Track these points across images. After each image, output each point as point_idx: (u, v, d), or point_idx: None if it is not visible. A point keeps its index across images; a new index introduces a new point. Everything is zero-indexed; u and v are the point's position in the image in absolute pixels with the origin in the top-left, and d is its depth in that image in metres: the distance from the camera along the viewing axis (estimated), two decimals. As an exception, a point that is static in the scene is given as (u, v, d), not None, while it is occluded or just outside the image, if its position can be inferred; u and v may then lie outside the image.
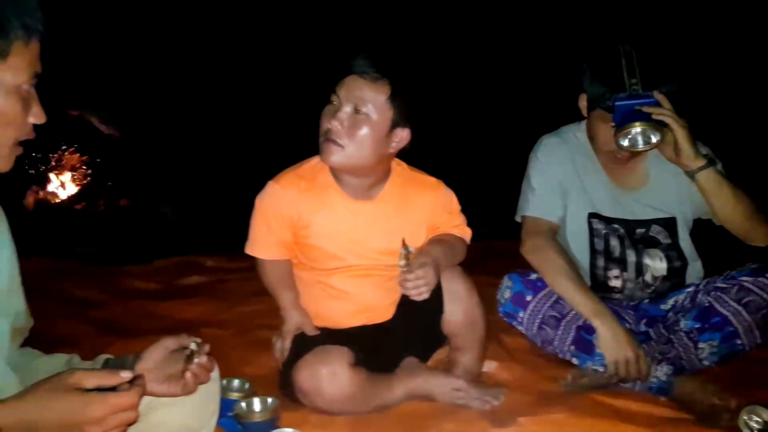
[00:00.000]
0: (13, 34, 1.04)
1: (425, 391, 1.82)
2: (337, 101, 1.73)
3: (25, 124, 1.11)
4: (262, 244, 1.87)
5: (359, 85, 1.71)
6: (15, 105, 1.08)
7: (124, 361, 1.30)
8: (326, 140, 1.73)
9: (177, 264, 3.62)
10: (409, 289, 1.71)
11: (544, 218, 2.06)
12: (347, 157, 1.73)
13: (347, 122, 1.71)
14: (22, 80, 1.07)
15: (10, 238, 1.28)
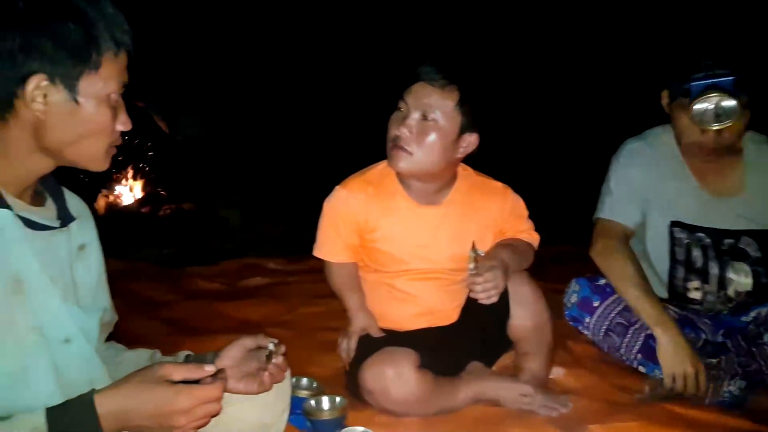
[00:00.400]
0: (104, 47, 1.10)
1: (491, 396, 1.81)
2: (405, 108, 1.75)
3: (114, 131, 1.17)
4: (330, 247, 1.90)
5: (428, 92, 1.72)
6: (106, 113, 1.13)
7: (204, 358, 1.35)
8: (395, 147, 1.75)
9: (240, 266, 3.70)
10: (477, 292, 1.71)
11: (617, 222, 2.02)
12: (415, 164, 1.75)
13: (416, 129, 1.73)
14: (111, 90, 1.13)
15: (98, 238, 1.35)
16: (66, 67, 1.07)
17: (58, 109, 1.08)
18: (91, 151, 1.15)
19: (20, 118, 1.08)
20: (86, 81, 1.09)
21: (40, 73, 1.05)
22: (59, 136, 1.10)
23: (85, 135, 1.12)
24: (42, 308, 1.13)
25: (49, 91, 1.07)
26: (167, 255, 4.33)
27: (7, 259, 1.09)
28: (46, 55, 1.05)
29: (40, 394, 1.10)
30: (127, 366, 1.37)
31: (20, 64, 1.04)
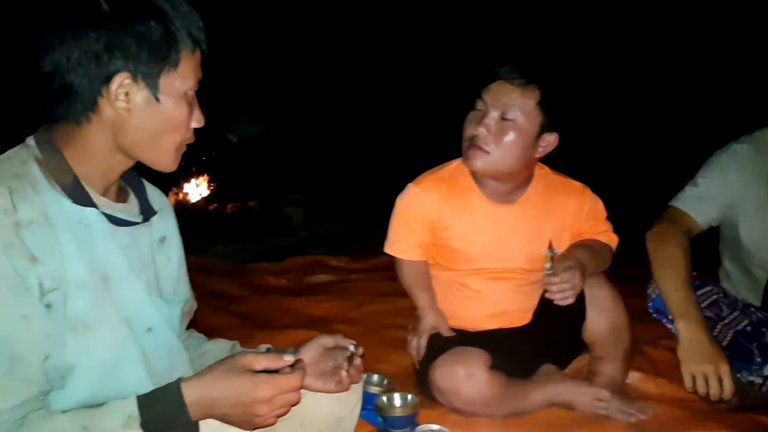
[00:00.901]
0: (182, 45, 1.12)
1: (565, 399, 1.78)
2: (483, 107, 1.73)
3: (189, 128, 1.19)
4: (402, 244, 1.90)
5: (507, 91, 1.70)
6: (184, 110, 1.15)
7: (284, 353, 1.38)
8: (472, 146, 1.73)
9: (304, 263, 3.77)
10: (553, 293, 1.68)
11: (689, 215, 1.91)
12: (493, 163, 1.73)
13: (494, 128, 1.71)
14: (189, 87, 1.15)
15: (177, 229, 1.39)
16: (148, 65, 1.09)
17: (140, 106, 1.11)
18: (165, 148, 1.16)
19: (102, 117, 1.11)
20: (166, 78, 1.11)
21: (124, 71, 1.08)
22: (137, 134, 1.12)
23: (162, 132, 1.14)
24: (128, 300, 1.17)
25: (131, 90, 1.09)
26: (234, 251, 4.44)
27: (95, 256, 1.12)
28: (129, 53, 1.07)
29: (132, 382, 1.14)
30: (209, 357, 1.41)
31: (105, 63, 1.07)
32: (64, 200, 1.09)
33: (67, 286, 1.06)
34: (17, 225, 1.00)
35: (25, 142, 1.14)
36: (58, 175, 1.10)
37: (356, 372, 1.33)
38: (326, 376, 1.32)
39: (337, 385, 1.31)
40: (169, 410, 1.06)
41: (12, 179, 1.05)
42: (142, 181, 1.31)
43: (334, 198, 6.09)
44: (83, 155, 1.13)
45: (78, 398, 1.07)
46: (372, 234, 4.89)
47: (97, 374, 1.10)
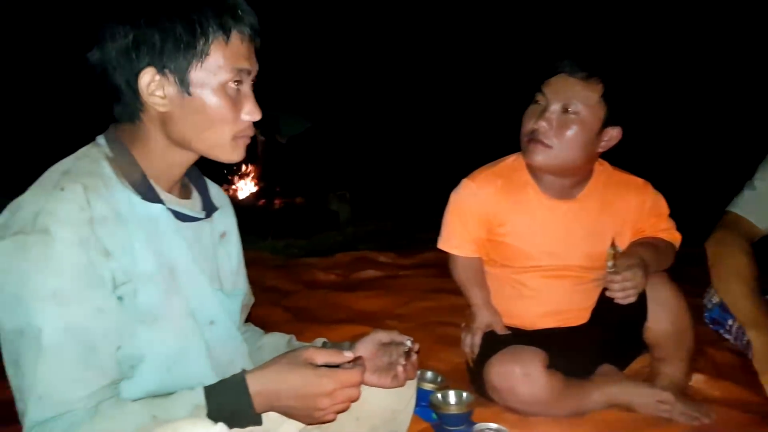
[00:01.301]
0: (211, 36, 1.08)
1: (625, 401, 1.73)
2: (543, 100, 1.70)
3: (239, 122, 1.15)
4: (457, 240, 1.88)
5: (570, 84, 1.67)
6: (221, 104, 1.11)
7: (340, 346, 1.39)
8: (532, 140, 1.70)
9: (352, 258, 3.79)
10: (615, 291, 1.63)
11: (748, 219, 1.87)
12: (554, 158, 1.69)
13: (556, 122, 1.67)
14: (225, 78, 1.11)
15: (236, 225, 1.41)
16: (173, 59, 1.07)
17: (174, 101, 1.10)
18: (215, 142, 1.14)
19: (150, 115, 1.12)
20: (196, 72, 1.09)
21: (150, 67, 1.07)
22: (182, 129, 1.12)
23: (204, 126, 1.12)
24: (192, 294, 1.20)
25: (164, 84, 1.08)
26: (283, 247, 4.50)
27: (163, 250, 1.15)
28: (154, 47, 1.07)
29: (196, 372, 1.17)
30: (267, 350, 1.43)
31: (134, 60, 1.07)
32: (133, 196, 1.12)
33: (137, 279, 1.09)
34: (92, 221, 1.03)
35: (96, 141, 1.16)
36: (127, 172, 1.13)
37: (412, 368, 1.33)
38: (382, 371, 1.32)
39: (393, 381, 1.32)
40: (234, 401, 1.08)
41: (86, 177, 1.07)
42: (205, 178, 1.33)
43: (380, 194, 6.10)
44: (145, 152, 1.15)
45: (146, 388, 1.10)
46: (419, 230, 4.91)
47: (164, 364, 1.14)
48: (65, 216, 1.01)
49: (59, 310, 0.99)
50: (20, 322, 0.99)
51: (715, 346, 1.99)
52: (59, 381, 0.99)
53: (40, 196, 1.04)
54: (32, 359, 0.98)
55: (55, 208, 1.01)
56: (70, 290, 1.00)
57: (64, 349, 0.99)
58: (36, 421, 0.98)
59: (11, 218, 1.02)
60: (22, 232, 0.99)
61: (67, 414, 0.98)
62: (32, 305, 0.98)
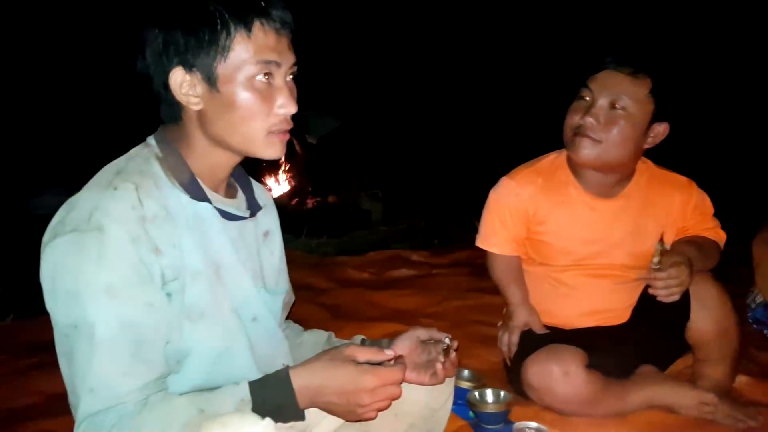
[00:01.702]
0: (233, 30, 1.09)
1: (667, 402, 1.71)
2: (589, 96, 1.68)
3: (272, 115, 1.14)
4: (496, 238, 1.87)
5: (618, 79, 1.65)
6: (251, 97, 1.11)
7: (379, 343, 1.39)
8: (578, 135, 1.68)
9: (385, 257, 3.79)
10: (658, 289, 1.61)
11: None
12: (601, 153, 1.67)
13: (603, 118, 1.65)
14: (252, 72, 1.10)
15: (279, 224, 1.43)
16: (198, 55, 1.08)
17: (206, 99, 1.11)
18: (249, 137, 1.14)
19: (189, 115, 1.14)
20: (221, 67, 1.09)
21: (179, 66, 1.09)
22: (217, 127, 1.14)
23: (237, 123, 1.12)
24: (236, 291, 1.22)
25: (194, 83, 1.10)
26: (317, 245, 4.53)
27: (209, 248, 1.17)
28: (180, 46, 1.08)
29: (240, 368, 1.19)
30: (307, 346, 1.45)
31: (164, 61, 1.10)
32: (182, 195, 1.14)
33: (185, 276, 1.11)
34: (143, 219, 1.06)
35: (146, 141, 1.19)
36: (176, 171, 1.15)
37: (451, 365, 1.33)
38: (420, 368, 1.32)
39: (432, 378, 1.32)
40: (278, 396, 1.09)
41: (137, 176, 1.10)
42: (249, 178, 1.35)
43: (412, 193, 6.09)
44: (190, 151, 1.17)
45: (192, 382, 1.13)
46: (452, 229, 4.90)
47: (209, 359, 1.16)
48: (118, 214, 1.04)
49: (112, 305, 1.02)
50: (74, 317, 1.02)
51: (759, 347, 1.95)
52: (110, 374, 1.01)
53: (95, 195, 1.07)
54: (85, 353, 1.01)
55: (109, 206, 1.04)
56: (122, 286, 1.02)
57: (116, 343, 1.02)
58: (87, 413, 1.01)
59: (67, 216, 1.06)
60: (77, 230, 1.02)
61: (117, 407, 1.01)
62: (86, 300, 1.01)
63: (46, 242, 1.05)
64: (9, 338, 2.54)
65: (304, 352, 1.43)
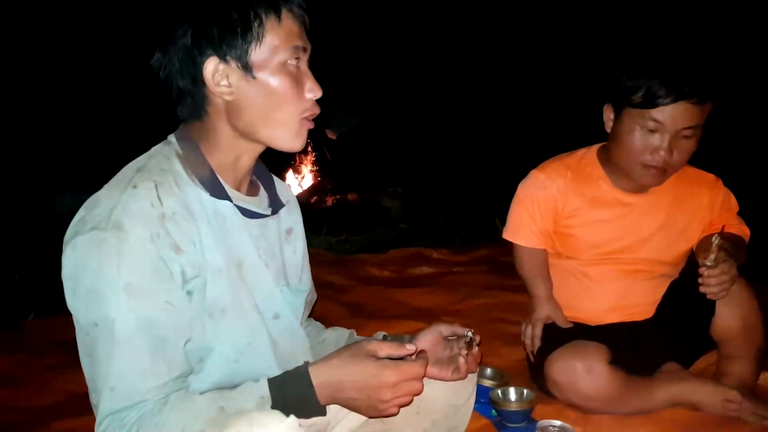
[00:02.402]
0: (264, 17, 1.11)
1: (691, 399, 1.69)
2: (657, 127, 1.61)
3: (303, 100, 1.17)
4: (524, 231, 1.86)
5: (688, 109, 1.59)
6: (285, 82, 1.14)
7: (401, 339, 1.39)
8: (654, 168, 1.65)
9: (405, 255, 3.79)
10: (711, 286, 1.58)
11: None
12: (669, 175, 1.70)
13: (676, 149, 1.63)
14: (284, 58, 1.13)
15: (302, 222, 1.43)
16: (232, 45, 1.10)
17: (241, 87, 1.13)
18: (284, 123, 1.16)
19: (217, 108, 1.15)
20: (256, 54, 1.12)
21: (212, 57, 1.11)
22: (249, 115, 1.15)
23: (272, 108, 1.15)
24: (258, 288, 1.22)
25: (228, 72, 1.12)
26: (337, 243, 4.55)
27: (230, 245, 1.18)
28: (213, 39, 1.10)
29: (261, 365, 1.20)
30: (329, 344, 1.45)
31: (197, 56, 1.11)
32: (202, 193, 1.15)
33: (206, 273, 1.12)
34: (163, 217, 1.07)
35: (167, 139, 1.20)
36: (197, 169, 1.16)
37: (473, 360, 1.33)
38: (443, 363, 1.32)
39: (455, 373, 1.31)
40: (298, 392, 1.09)
41: (157, 174, 1.11)
42: (272, 176, 1.36)
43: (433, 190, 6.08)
44: (213, 148, 1.18)
45: (213, 380, 1.14)
46: (472, 227, 4.88)
47: (232, 356, 1.16)
48: (138, 212, 1.05)
49: (131, 303, 1.02)
50: (95, 315, 1.02)
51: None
52: (131, 372, 1.02)
53: (115, 193, 1.07)
54: (106, 351, 1.02)
55: (129, 204, 1.05)
56: (141, 284, 1.03)
57: (136, 341, 1.02)
58: (109, 411, 1.02)
59: (88, 214, 1.06)
60: (98, 228, 1.03)
61: (138, 405, 1.02)
62: (106, 298, 1.02)
63: (67, 240, 1.06)
64: (31, 337, 2.57)
65: (325, 350, 1.42)
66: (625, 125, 1.65)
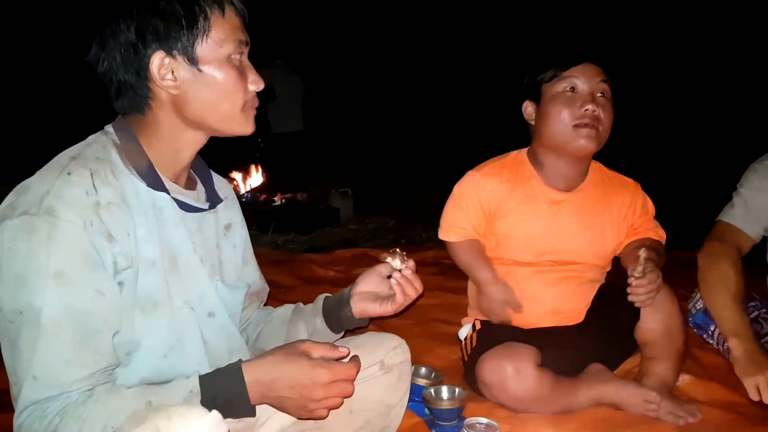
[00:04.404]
0: (209, 11, 1.13)
1: (614, 399, 1.76)
2: (575, 87, 1.75)
3: (246, 92, 1.19)
4: (456, 227, 1.89)
5: (597, 71, 1.74)
6: (230, 75, 1.16)
7: (342, 294, 1.43)
8: (583, 127, 1.73)
9: (352, 255, 3.79)
10: (639, 295, 1.67)
11: (739, 229, 1.95)
12: (601, 139, 1.77)
13: (600, 106, 1.74)
14: (229, 51, 1.16)
15: (242, 217, 1.44)
16: (178, 39, 1.12)
17: (187, 80, 1.14)
18: (229, 114, 1.18)
19: (161, 101, 1.16)
20: (201, 48, 1.13)
21: (158, 51, 1.12)
22: (196, 107, 1.16)
23: (218, 101, 1.16)
24: (192, 284, 1.23)
25: (173, 67, 1.12)
26: (284, 242, 4.53)
27: (165, 238, 1.18)
28: (158, 33, 1.11)
29: (191, 362, 1.20)
30: (277, 320, 1.48)
31: (141, 50, 1.11)
32: (139, 184, 1.15)
33: (139, 265, 1.11)
34: (97, 205, 1.06)
35: (104, 129, 1.20)
36: (134, 159, 1.16)
37: (407, 283, 1.36)
38: (384, 299, 1.37)
39: (394, 306, 1.37)
40: (229, 388, 1.10)
41: (93, 162, 1.10)
42: (210, 171, 1.36)
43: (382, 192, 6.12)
44: (155, 140, 1.18)
45: (141, 376, 1.13)
46: (420, 229, 4.94)
47: (160, 352, 1.16)
48: (71, 199, 1.03)
49: (60, 291, 1.00)
50: (20, 302, 1.00)
51: (701, 348, 2.03)
52: (56, 361, 1.00)
53: (48, 179, 1.06)
54: (30, 339, 1.00)
55: (62, 191, 1.04)
56: (72, 272, 1.01)
57: (63, 330, 1.01)
58: (30, 401, 1.00)
59: (18, 199, 1.05)
60: (28, 213, 1.01)
61: (61, 396, 1.00)
62: (34, 285, 1.00)
63: None
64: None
65: (273, 327, 1.46)
66: (548, 99, 1.77)
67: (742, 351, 1.79)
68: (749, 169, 1.98)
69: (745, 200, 1.94)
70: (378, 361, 1.42)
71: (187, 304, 1.21)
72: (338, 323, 1.43)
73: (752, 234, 1.94)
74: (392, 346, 1.46)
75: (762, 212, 1.93)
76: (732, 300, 1.85)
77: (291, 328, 1.45)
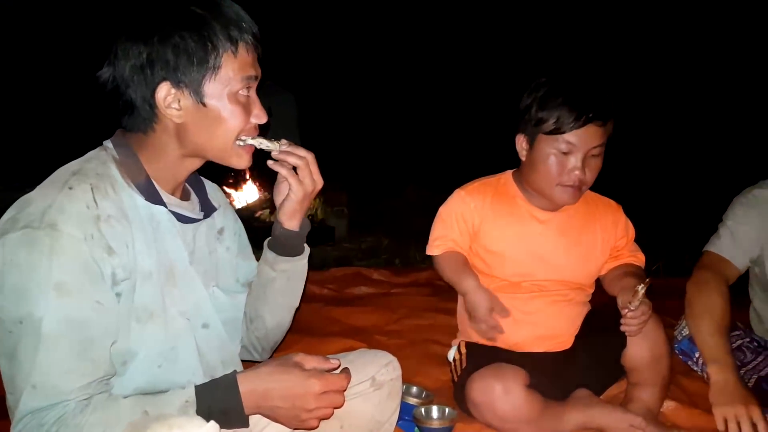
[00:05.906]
0: (222, 49, 1.16)
1: (600, 424, 1.78)
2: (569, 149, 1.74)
3: (247, 126, 1.23)
4: (440, 240, 1.92)
5: (597, 133, 1.74)
6: (234, 111, 1.20)
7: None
8: (572, 188, 1.77)
9: (346, 274, 3.80)
10: (632, 326, 1.71)
11: (726, 259, 2.00)
12: (582, 192, 1.82)
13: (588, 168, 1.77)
14: (236, 87, 1.19)
15: (236, 219, 1.50)
16: (188, 73, 1.15)
17: (190, 113, 1.17)
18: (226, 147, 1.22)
19: (164, 126, 1.19)
20: (209, 83, 1.16)
21: (166, 82, 1.15)
22: (197, 138, 1.20)
23: (218, 133, 1.20)
24: (188, 296, 1.26)
25: (179, 97, 1.16)
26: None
27: (163, 250, 1.21)
28: (168, 65, 1.14)
29: (186, 373, 1.23)
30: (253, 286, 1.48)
31: (149, 76, 1.15)
32: (138, 198, 1.18)
33: (136, 276, 1.15)
34: (98, 218, 1.09)
35: (104, 144, 1.23)
36: (133, 174, 1.19)
37: (289, 155, 1.34)
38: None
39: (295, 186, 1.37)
40: (224, 398, 1.12)
41: (94, 177, 1.14)
42: (201, 179, 1.39)
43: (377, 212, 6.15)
44: (155, 159, 1.22)
45: (136, 386, 1.15)
46: (414, 249, 4.96)
47: (155, 362, 1.19)
48: (73, 213, 1.07)
49: (61, 302, 1.03)
50: (21, 312, 1.03)
51: (687, 375, 2.06)
52: (55, 371, 1.02)
53: (50, 193, 1.09)
54: (30, 349, 1.02)
55: (64, 205, 1.07)
56: (72, 283, 1.04)
57: (62, 340, 1.03)
58: (29, 410, 1.02)
59: (20, 213, 1.07)
60: (30, 227, 1.04)
61: (59, 404, 1.02)
62: (34, 296, 1.02)
63: None
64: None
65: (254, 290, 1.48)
66: (541, 151, 1.77)
67: (719, 379, 1.83)
68: (734, 202, 2.05)
69: (732, 231, 2.00)
70: (369, 377, 1.44)
71: (183, 315, 1.24)
72: (280, 244, 1.43)
73: (738, 264, 2.00)
74: (384, 363, 1.48)
75: (747, 243, 1.98)
76: (716, 328, 1.89)
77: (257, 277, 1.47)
